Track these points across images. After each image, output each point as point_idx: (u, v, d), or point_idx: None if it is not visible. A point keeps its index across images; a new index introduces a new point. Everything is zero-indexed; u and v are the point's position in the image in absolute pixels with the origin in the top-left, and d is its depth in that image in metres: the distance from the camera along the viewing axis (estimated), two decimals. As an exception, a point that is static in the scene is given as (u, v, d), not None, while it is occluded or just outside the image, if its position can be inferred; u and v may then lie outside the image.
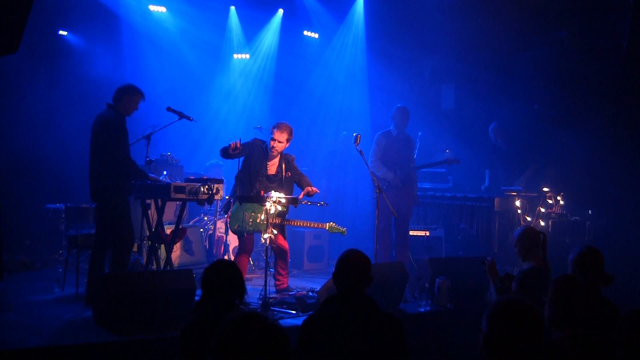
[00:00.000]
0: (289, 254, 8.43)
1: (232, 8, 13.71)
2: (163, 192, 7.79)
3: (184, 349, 3.98)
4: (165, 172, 9.00)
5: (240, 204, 7.97)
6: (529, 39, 12.12)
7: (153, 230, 8.29)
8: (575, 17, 11.27)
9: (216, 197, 8.06)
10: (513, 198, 9.83)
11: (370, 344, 3.90)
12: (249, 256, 8.68)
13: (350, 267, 4.15)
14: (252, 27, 13.84)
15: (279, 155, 8.38)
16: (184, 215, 8.67)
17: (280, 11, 13.90)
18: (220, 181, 8.16)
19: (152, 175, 7.94)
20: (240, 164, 8.35)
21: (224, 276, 4.16)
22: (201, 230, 10.28)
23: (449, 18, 12.07)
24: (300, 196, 8.16)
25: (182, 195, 7.72)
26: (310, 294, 7.54)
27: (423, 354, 6.59)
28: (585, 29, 11.30)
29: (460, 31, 12.19)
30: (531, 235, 6.28)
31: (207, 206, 9.36)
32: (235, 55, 13.99)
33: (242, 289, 4.22)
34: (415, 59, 13.51)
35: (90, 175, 7.56)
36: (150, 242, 8.37)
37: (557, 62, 11.62)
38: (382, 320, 4.05)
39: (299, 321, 6.56)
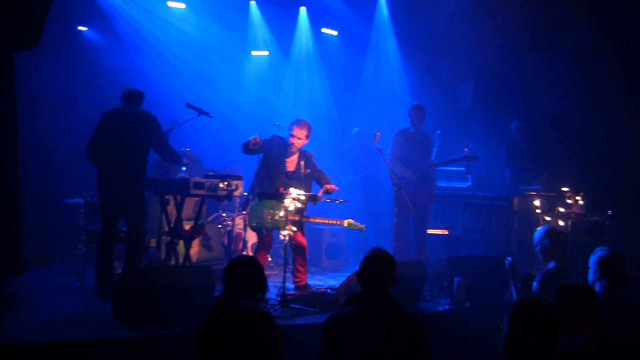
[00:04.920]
0: (307, 251, 8.41)
1: (253, 3, 13.70)
2: (182, 188, 7.84)
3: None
4: (184, 168, 9.01)
5: (259, 200, 7.96)
6: (547, 38, 12.04)
7: (172, 226, 8.32)
8: (594, 17, 11.19)
9: (235, 193, 8.10)
10: (532, 198, 9.77)
11: (394, 345, 3.89)
12: (268, 253, 8.68)
13: (376, 266, 4.11)
14: (273, 23, 13.82)
15: (297, 152, 8.37)
16: (202, 211, 8.69)
17: (303, 9, 13.89)
18: (239, 177, 8.20)
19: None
20: (260, 161, 8.36)
21: (247, 271, 4.16)
22: (220, 226, 10.29)
23: (467, 17, 12.02)
24: (320, 193, 8.14)
25: (202, 191, 7.76)
26: (329, 291, 7.51)
27: (441, 353, 6.56)
28: (605, 28, 11.23)
29: (479, 30, 12.12)
30: (553, 235, 6.25)
31: (225, 202, 9.38)
32: (253, 52, 13.98)
33: (264, 285, 4.22)
34: (432, 57, 13.49)
35: (126, 161, 7.56)
36: (169, 238, 8.40)
37: (574, 61, 11.55)
38: (405, 320, 4.03)
39: (318, 319, 6.56)
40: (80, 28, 12.68)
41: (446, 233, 10.61)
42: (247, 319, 2.50)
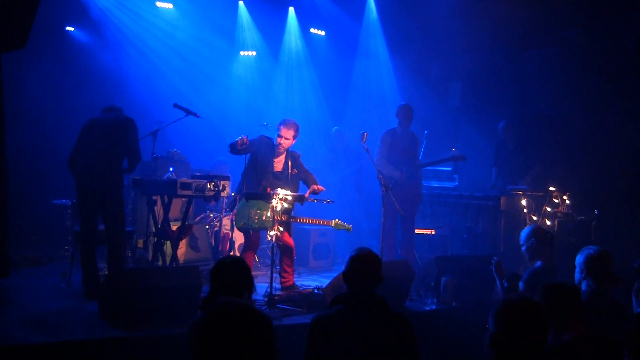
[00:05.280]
0: (294, 251, 8.41)
1: (241, 3, 13.66)
2: (169, 189, 7.83)
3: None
4: (171, 169, 9.00)
5: (247, 201, 7.96)
6: (536, 37, 12.07)
7: (159, 226, 8.31)
8: (583, 16, 11.23)
9: (222, 194, 8.09)
10: (519, 197, 9.80)
11: (381, 344, 3.89)
12: (255, 253, 8.67)
13: (362, 265, 4.11)
14: (262, 23, 13.78)
15: (285, 152, 8.37)
16: (189, 212, 8.68)
17: (291, 9, 13.87)
18: (226, 178, 8.20)
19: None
20: (247, 161, 8.36)
21: (234, 271, 4.16)
22: (207, 227, 10.27)
23: (456, 15, 12.03)
24: (307, 194, 8.15)
25: (189, 192, 7.76)
26: (316, 291, 7.51)
27: (428, 352, 6.57)
28: (593, 28, 11.26)
29: (468, 29, 12.14)
30: (539, 235, 6.28)
31: (213, 203, 9.36)
32: (241, 52, 13.95)
33: (251, 285, 4.22)
34: (421, 57, 13.49)
35: (102, 165, 7.51)
36: (156, 239, 8.38)
37: (565, 61, 11.58)
38: (392, 320, 4.03)
39: (304, 319, 6.56)
40: (68, 28, 12.62)
41: (433, 233, 10.62)
42: (253, 321, 2.49)
